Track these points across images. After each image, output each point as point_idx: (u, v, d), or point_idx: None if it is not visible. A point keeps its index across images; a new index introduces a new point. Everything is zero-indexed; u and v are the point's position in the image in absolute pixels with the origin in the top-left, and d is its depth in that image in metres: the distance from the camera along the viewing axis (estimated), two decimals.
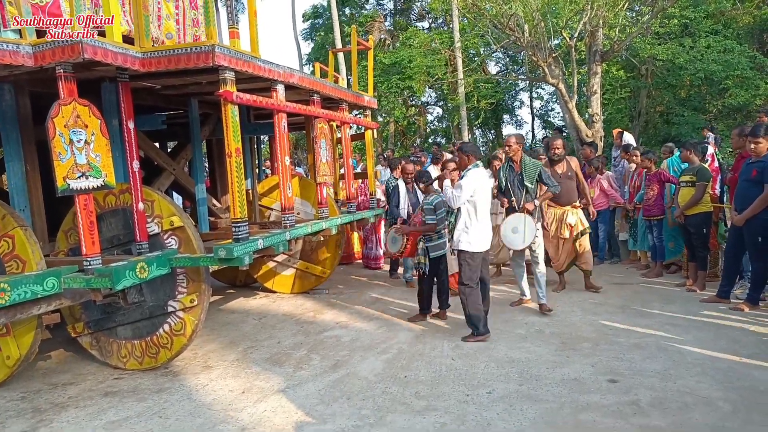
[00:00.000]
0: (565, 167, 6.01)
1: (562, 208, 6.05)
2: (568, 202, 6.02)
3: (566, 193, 5.92)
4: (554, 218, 6.08)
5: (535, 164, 5.42)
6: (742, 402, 3.38)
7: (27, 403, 3.92)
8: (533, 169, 5.39)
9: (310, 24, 25.53)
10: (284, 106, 4.78)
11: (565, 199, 5.96)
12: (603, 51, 12.17)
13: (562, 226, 6.02)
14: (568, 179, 5.96)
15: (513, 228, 5.33)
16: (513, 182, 5.48)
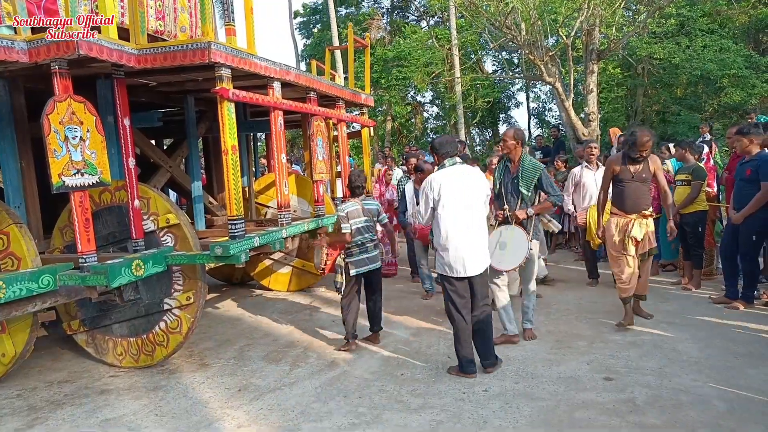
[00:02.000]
0: (639, 166, 4.74)
1: (627, 216, 4.76)
2: (634, 210, 4.74)
3: (633, 198, 4.74)
4: (617, 229, 4.81)
5: (534, 166, 4.48)
6: (737, 400, 3.39)
7: (23, 401, 3.90)
8: (532, 171, 4.46)
9: (306, 19, 25.47)
10: (281, 103, 4.76)
11: (631, 205, 4.75)
12: (600, 50, 12.20)
13: (627, 240, 4.75)
14: (638, 182, 4.73)
15: (500, 243, 4.43)
16: (507, 187, 4.57)
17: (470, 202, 3.84)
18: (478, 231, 3.87)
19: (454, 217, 3.80)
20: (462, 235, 3.80)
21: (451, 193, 3.80)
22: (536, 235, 4.60)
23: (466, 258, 3.79)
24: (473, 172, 3.93)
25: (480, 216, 3.90)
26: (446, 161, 3.90)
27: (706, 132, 10.32)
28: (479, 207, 3.89)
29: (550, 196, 4.49)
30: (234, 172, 4.07)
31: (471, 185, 3.86)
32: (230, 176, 4.06)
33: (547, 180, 4.50)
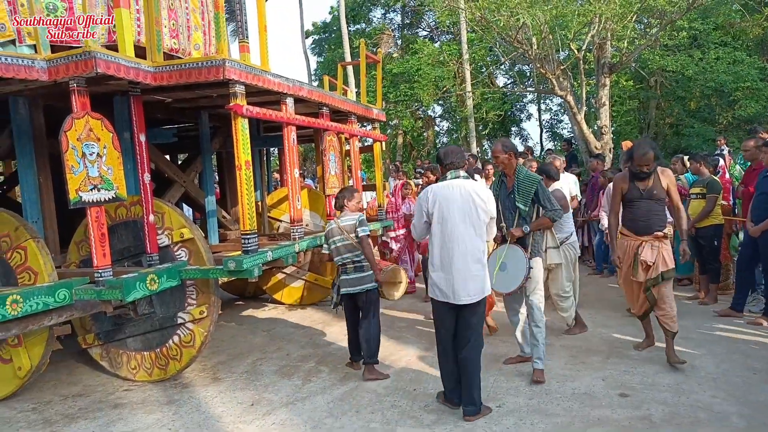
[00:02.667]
0: (650, 182, 4.25)
1: (638, 238, 4.28)
2: (646, 231, 4.25)
3: (644, 218, 4.26)
4: (626, 252, 4.38)
5: (530, 179, 4.11)
6: (756, 417, 3.33)
7: (38, 414, 3.93)
8: (528, 185, 4.08)
9: (317, 38, 25.76)
10: (293, 119, 4.81)
11: (643, 226, 4.26)
12: (611, 63, 12.18)
13: (636, 265, 4.28)
14: (648, 200, 4.25)
15: (501, 264, 4.11)
16: (504, 203, 4.21)
17: (468, 219, 3.39)
18: (474, 253, 3.39)
19: (447, 234, 3.39)
20: (454, 255, 3.37)
21: (446, 207, 3.41)
22: (537, 253, 4.24)
23: (457, 282, 3.36)
24: (477, 188, 3.48)
25: (478, 237, 3.42)
26: (449, 173, 3.55)
27: (723, 144, 10.22)
28: (479, 227, 3.41)
29: (547, 212, 4.10)
30: (247, 187, 4.11)
31: (471, 201, 3.40)
32: (244, 191, 4.10)
33: (544, 193, 4.11)
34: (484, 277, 3.44)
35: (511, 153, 4.14)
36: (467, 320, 3.46)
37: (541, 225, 4.20)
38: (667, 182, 4.24)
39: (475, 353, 3.47)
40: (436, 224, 3.44)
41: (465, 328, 3.47)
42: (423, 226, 3.56)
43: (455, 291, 3.37)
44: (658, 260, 4.22)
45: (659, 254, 4.21)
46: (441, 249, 3.43)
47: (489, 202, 3.48)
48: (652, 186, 4.22)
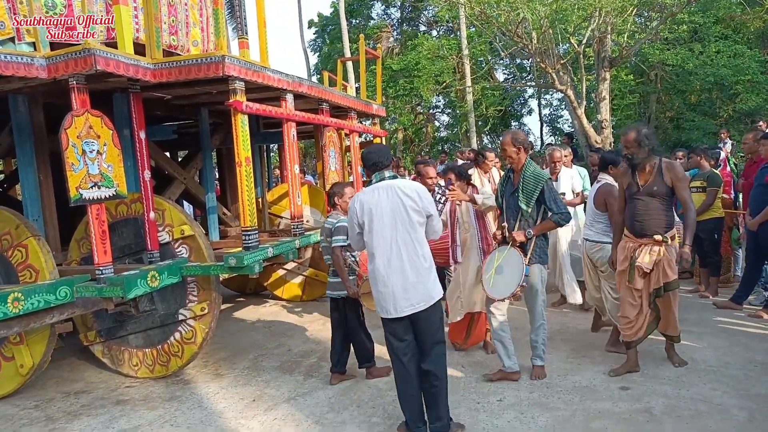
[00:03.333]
0: (651, 176, 3.78)
1: (636, 240, 3.84)
2: (642, 232, 3.80)
3: (639, 218, 3.80)
4: (624, 254, 3.95)
5: (537, 177, 3.78)
6: (758, 410, 3.33)
7: (40, 412, 3.95)
8: (534, 183, 3.76)
9: (316, 33, 25.71)
10: (293, 115, 4.81)
11: (639, 227, 3.81)
12: (611, 57, 12.16)
13: (632, 269, 3.86)
14: (646, 196, 3.77)
15: (498, 267, 3.84)
16: (508, 201, 3.95)
17: (400, 223, 3.05)
18: (413, 260, 3.05)
19: (380, 243, 3.06)
20: (390, 264, 3.05)
21: (376, 214, 3.06)
22: (540, 259, 3.89)
23: (398, 294, 3.03)
24: (404, 186, 3.11)
25: (415, 241, 3.07)
26: (374, 176, 3.20)
27: (727, 137, 10.19)
28: (413, 229, 3.06)
29: (553, 215, 3.75)
30: (247, 183, 4.11)
31: (400, 203, 3.05)
32: (244, 187, 4.11)
33: (550, 194, 3.76)
34: (428, 283, 3.06)
35: (520, 147, 3.85)
36: (423, 330, 3.10)
37: (545, 229, 3.84)
38: (670, 177, 3.74)
39: (438, 365, 3.12)
40: (368, 234, 3.09)
41: (423, 339, 3.12)
42: (357, 238, 3.22)
43: (396, 303, 3.04)
44: (657, 270, 3.78)
45: (659, 262, 3.76)
46: (377, 260, 3.08)
47: (421, 199, 3.07)
48: (653, 181, 3.77)
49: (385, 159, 3.22)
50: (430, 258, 3.13)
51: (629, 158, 3.79)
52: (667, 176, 3.74)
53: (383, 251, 3.07)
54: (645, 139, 3.69)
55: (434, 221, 3.17)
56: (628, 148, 3.75)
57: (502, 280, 3.80)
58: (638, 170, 3.82)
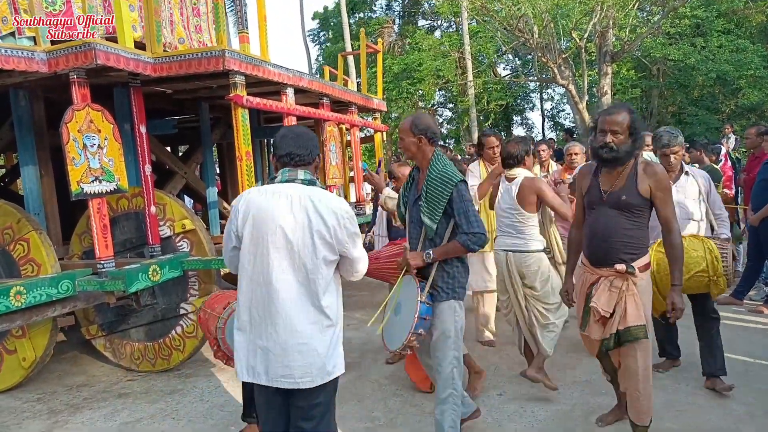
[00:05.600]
0: (621, 180, 2.69)
1: (593, 270, 2.80)
2: (603, 259, 2.73)
3: (601, 236, 2.72)
4: (579, 288, 2.93)
5: (445, 179, 2.70)
6: (757, 404, 3.34)
7: (43, 405, 3.97)
8: (440, 188, 2.70)
9: (318, 24, 25.68)
10: (294, 109, 4.81)
11: (599, 249, 2.74)
12: (613, 52, 12.13)
13: (586, 312, 2.84)
14: (610, 208, 2.70)
15: (396, 304, 2.85)
16: (411, 213, 2.92)
17: (297, 253, 2.07)
18: (304, 308, 2.08)
19: (258, 272, 2.10)
20: (270, 307, 2.07)
21: (263, 227, 2.09)
22: (453, 293, 2.78)
23: (273, 353, 2.07)
24: (324, 204, 2.10)
25: (313, 283, 2.09)
26: (280, 172, 2.20)
27: (730, 132, 10.17)
28: (315, 268, 2.08)
29: (461, 234, 2.68)
30: (248, 178, 4.11)
31: (307, 225, 2.07)
32: (245, 182, 4.11)
33: (461, 203, 2.68)
34: (323, 348, 2.09)
35: (421, 137, 2.76)
36: (302, 414, 2.14)
37: (450, 253, 2.74)
38: (650, 185, 2.63)
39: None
40: (245, 254, 2.13)
41: (300, 422, 2.15)
42: (231, 255, 2.24)
43: (269, 368, 2.08)
44: (618, 311, 2.68)
45: (621, 301, 2.67)
46: (249, 295, 2.12)
47: (341, 228, 2.10)
48: (623, 188, 2.65)
49: (304, 151, 2.18)
50: (336, 314, 2.15)
51: (609, 149, 2.61)
52: (645, 183, 2.62)
53: (259, 283, 2.09)
54: (637, 126, 2.64)
55: (354, 262, 2.21)
56: (614, 133, 2.60)
57: (398, 323, 2.79)
58: (605, 170, 2.73)
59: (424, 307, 2.67)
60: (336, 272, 2.19)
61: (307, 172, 2.18)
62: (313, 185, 2.16)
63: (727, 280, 3.27)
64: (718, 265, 3.19)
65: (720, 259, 3.19)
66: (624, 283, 2.67)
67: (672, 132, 3.55)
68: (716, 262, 3.18)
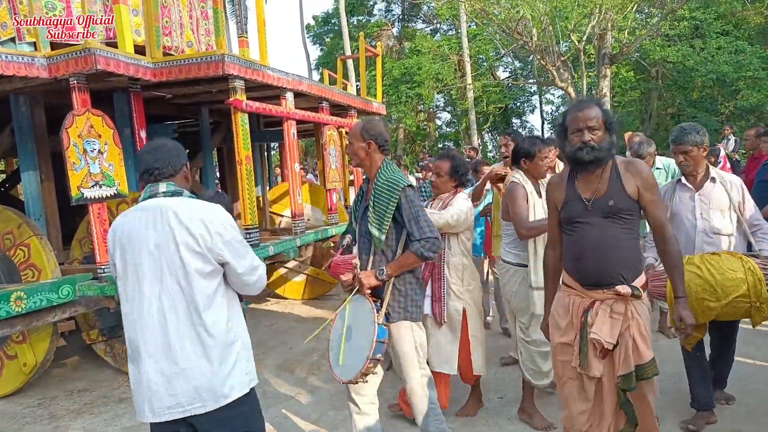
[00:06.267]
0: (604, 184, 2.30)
1: (586, 293, 2.32)
2: (597, 280, 2.28)
3: (593, 253, 2.28)
4: (566, 315, 2.39)
5: (391, 184, 2.51)
6: (758, 405, 3.34)
7: (43, 410, 3.97)
8: (387, 195, 2.52)
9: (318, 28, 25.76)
10: (293, 113, 4.82)
11: (592, 269, 2.29)
12: (612, 54, 12.16)
13: (583, 344, 2.31)
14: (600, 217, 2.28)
15: (348, 329, 2.58)
16: (361, 225, 2.73)
17: (167, 271, 1.90)
18: (186, 332, 1.90)
19: (134, 301, 1.95)
20: (146, 334, 1.92)
21: (130, 251, 1.94)
22: (408, 313, 2.58)
23: (155, 384, 1.91)
24: (187, 213, 1.91)
25: (194, 301, 1.91)
26: (144, 190, 2.02)
27: (730, 133, 10.18)
28: (189, 283, 1.90)
29: (413, 242, 2.46)
30: (248, 182, 4.12)
31: (171, 238, 1.89)
32: (244, 186, 4.12)
33: (411, 209, 2.48)
34: (213, 369, 1.91)
35: (371, 142, 2.59)
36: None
37: (405, 266, 2.53)
38: (637, 184, 2.27)
39: None
40: (119, 281, 2.00)
41: None
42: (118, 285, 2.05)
43: (151, 398, 1.92)
44: (626, 344, 2.24)
45: (627, 332, 2.24)
46: (129, 324, 1.97)
47: (210, 234, 1.91)
48: (607, 192, 2.27)
49: (162, 164, 1.98)
50: (224, 331, 1.94)
51: (591, 149, 2.23)
52: (631, 183, 2.27)
53: (134, 309, 1.94)
54: (611, 120, 2.32)
55: (240, 274, 1.98)
56: (592, 130, 2.23)
57: (351, 350, 2.53)
58: (583, 175, 2.32)
59: (381, 329, 2.45)
60: (225, 287, 2.01)
61: (170, 183, 2.00)
62: (178, 196, 1.99)
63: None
64: (761, 288, 2.69)
65: (764, 282, 2.70)
66: (627, 308, 2.26)
67: (685, 128, 3.05)
68: (759, 284, 2.69)
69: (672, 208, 3.11)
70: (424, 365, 2.68)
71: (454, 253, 3.28)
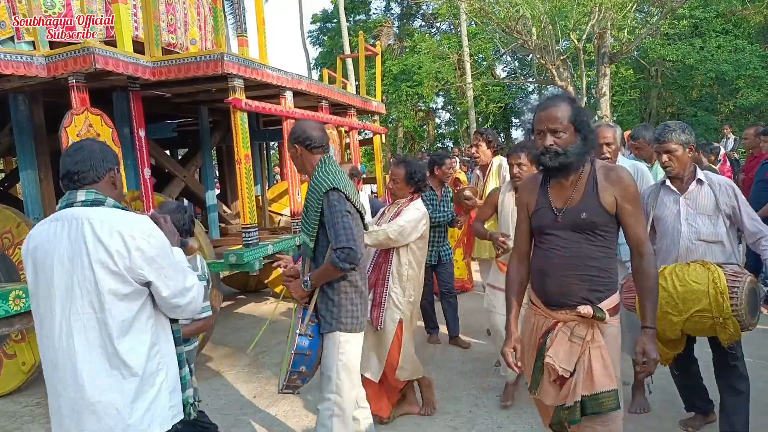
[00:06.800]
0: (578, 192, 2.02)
1: (548, 313, 2.07)
2: (560, 299, 2.02)
3: (558, 270, 2.02)
4: (531, 338, 2.14)
5: (317, 185, 2.40)
6: (754, 404, 3.33)
7: (42, 409, 3.97)
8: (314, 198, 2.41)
9: (318, 27, 25.74)
10: (293, 112, 4.82)
11: (555, 286, 2.03)
12: (612, 53, 12.17)
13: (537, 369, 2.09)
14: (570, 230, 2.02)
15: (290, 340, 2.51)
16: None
17: (79, 292, 1.67)
18: (98, 361, 1.68)
19: (45, 321, 1.74)
20: (58, 363, 1.71)
21: (40, 265, 1.74)
22: (338, 323, 2.42)
23: (65, 414, 1.71)
24: (105, 226, 1.67)
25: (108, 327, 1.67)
26: (63, 198, 1.79)
27: (729, 132, 10.19)
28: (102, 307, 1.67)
29: (334, 252, 2.30)
30: (247, 181, 4.12)
31: (84, 254, 1.66)
32: (244, 185, 4.12)
33: (330, 215, 2.34)
34: (127, 404, 1.69)
35: (297, 146, 2.48)
36: None
37: (323, 276, 2.39)
38: (615, 193, 1.98)
39: None
40: (32, 298, 1.80)
41: None
42: None
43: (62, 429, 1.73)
44: (581, 369, 1.97)
45: (585, 357, 1.97)
46: (43, 350, 1.77)
47: (129, 252, 1.67)
48: (581, 201, 2.00)
49: (83, 167, 1.75)
50: (142, 362, 1.71)
51: (554, 154, 1.96)
52: (608, 193, 1.99)
53: (46, 332, 1.74)
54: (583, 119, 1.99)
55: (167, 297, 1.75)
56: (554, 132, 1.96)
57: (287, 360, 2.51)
58: (555, 181, 2.06)
59: (301, 341, 2.35)
60: (152, 309, 1.77)
61: (90, 191, 1.75)
62: (99, 205, 1.74)
63: (740, 322, 2.49)
64: (723, 303, 2.44)
65: (727, 295, 2.44)
66: (589, 332, 1.98)
67: (669, 125, 2.81)
68: (722, 298, 2.44)
69: (656, 212, 2.85)
70: (343, 392, 2.43)
71: (401, 263, 3.22)
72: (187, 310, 1.84)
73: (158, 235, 1.76)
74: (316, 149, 2.49)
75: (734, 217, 2.73)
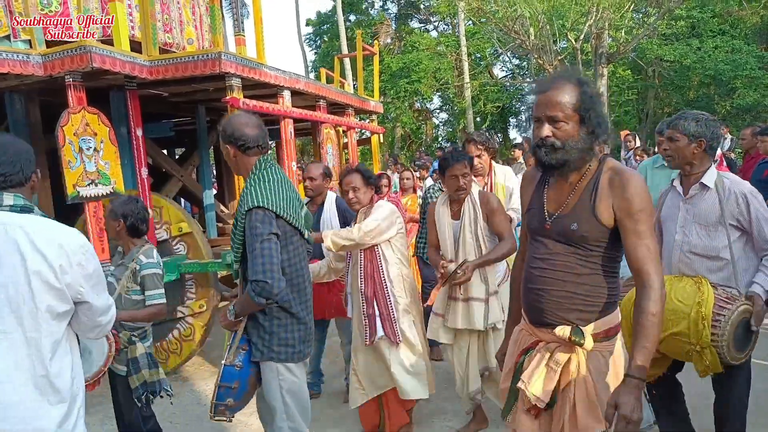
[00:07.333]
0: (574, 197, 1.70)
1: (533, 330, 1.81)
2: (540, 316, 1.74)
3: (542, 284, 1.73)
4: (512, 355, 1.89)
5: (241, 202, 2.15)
6: (755, 404, 3.33)
7: None
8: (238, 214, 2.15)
9: (314, 30, 25.72)
10: (290, 112, 4.81)
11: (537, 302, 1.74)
12: (609, 53, 12.19)
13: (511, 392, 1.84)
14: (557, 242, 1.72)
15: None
16: None
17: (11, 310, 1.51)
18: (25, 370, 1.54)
19: None
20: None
21: None
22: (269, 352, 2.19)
23: None
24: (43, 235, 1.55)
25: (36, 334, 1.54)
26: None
27: (727, 133, 10.21)
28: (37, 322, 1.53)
29: (249, 284, 2.06)
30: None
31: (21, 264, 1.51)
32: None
33: (250, 239, 2.06)
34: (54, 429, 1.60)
35: (228, 146, 2.18)
36: None
37: (246, 307, 2.17)
38: (615, 204, 1.64)
39: None
40: None
41: None
42: None
43: None
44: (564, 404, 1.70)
45: (570, 390, 1.69)
46: None
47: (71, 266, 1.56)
48: (576, 209, 1.69)
49: (9, 168, 1.58)
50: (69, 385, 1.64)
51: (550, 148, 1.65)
52: (607, 203, 1.65)
53: None
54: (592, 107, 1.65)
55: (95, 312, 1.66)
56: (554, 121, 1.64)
57: None
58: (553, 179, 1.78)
59: (228, 371, 2.14)
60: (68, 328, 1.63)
61: (18, 196, 1.58)
62: (27, 212, 1.58)
63: (720, 354, 2.17)
64: (703, 331, 2.13)
65: (709, 322, 2.12)
66: (573, 359, 1.67)
67: (686, 113, 2.53)
68: (702, 324, 2.13)
69: (661, 214, 2.55)
70: (294, 417, 2.23)
71: (391, 263, 3.06)
72: (105, 329, 1.75)
73: (92, 250, 1.66)
74: (250, 150, 2.16)
75: (744, 228, 2.35)
